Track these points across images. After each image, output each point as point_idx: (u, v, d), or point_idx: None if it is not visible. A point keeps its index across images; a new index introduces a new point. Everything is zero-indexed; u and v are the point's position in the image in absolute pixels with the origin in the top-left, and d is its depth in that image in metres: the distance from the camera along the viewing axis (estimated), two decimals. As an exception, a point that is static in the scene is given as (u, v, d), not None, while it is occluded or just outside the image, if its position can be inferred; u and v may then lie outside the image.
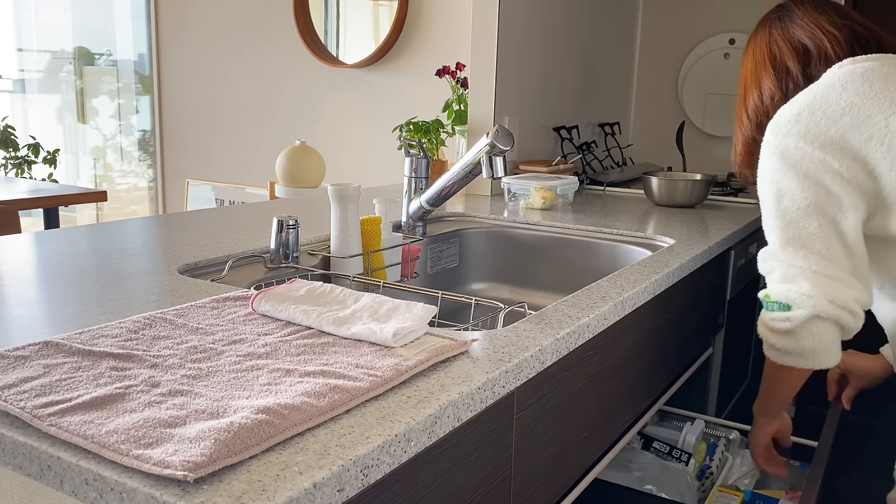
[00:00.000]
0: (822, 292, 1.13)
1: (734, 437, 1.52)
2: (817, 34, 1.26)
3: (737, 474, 1.45)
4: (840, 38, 1.25)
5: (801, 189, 1.13)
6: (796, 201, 1.14)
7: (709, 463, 1.44)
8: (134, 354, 0.74)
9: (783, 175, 1.15)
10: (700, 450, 1.46)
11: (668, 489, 1.32)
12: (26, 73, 4.59)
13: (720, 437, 1.51)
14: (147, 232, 1.44)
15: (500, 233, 1.72)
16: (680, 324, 1.47)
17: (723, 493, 1.33)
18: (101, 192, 3.08)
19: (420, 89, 3.41)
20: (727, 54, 2.81)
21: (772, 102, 1.30)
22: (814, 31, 1.27)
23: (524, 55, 2.18)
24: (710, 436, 1.52)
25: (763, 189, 1.20)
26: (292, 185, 3.25)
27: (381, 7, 3.51)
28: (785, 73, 1.29)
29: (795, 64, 1.28)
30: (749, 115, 1.34)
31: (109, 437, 0.58)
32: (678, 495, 1.31)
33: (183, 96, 4.25)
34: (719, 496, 1.32)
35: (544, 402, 0.93)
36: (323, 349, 0.78)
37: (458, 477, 0.76)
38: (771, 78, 1.31)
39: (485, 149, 1.40)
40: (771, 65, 1.31)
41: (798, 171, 1.13)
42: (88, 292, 1.00)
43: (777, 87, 1.30)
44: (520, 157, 2.23)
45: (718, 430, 1.54)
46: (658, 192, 2.02)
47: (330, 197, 1.29)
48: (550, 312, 0.99)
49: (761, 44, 1.34)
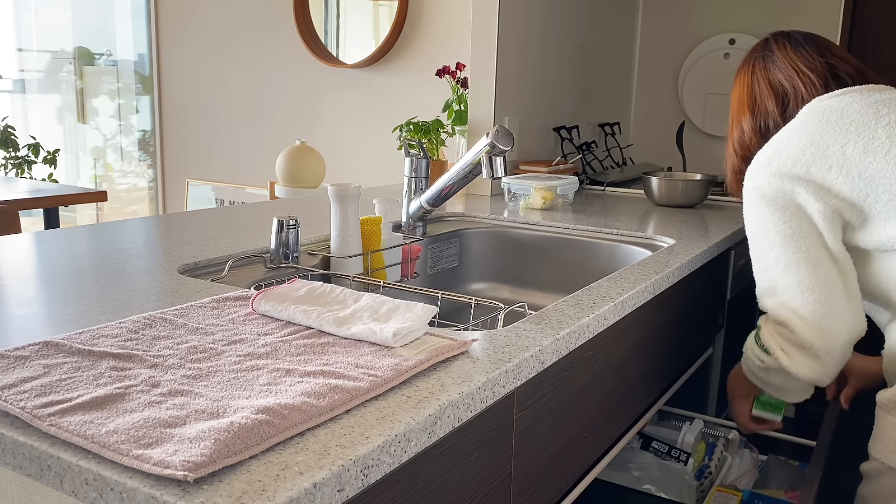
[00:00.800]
0: (801, 363, 1.24)
1: (733, 436, 1.52)
2: (793, 76, 1.37)
3: (736, 474, 1.45)
4: (814, 79, 1.35)
5: (783, 220, 1.23)
6: (781, 231, 1.23)
7: (707, 462, 1.44)
8: (134, 354, 0.74)
9: (764, 213, 1.25)
10: (699, 449, 1.47)
11: (666, 489, 1.32)
12: (26, 73, 4.59)
13: (719, 436, 1.52)
14: (147, 232, 1.44)
15: (500, 233, 1.72)
16: (680, 324, 1.47)
17: (721, 493, 1.33)
18: (101, 192, 3.08)
19: (420, 89, 3.41)
20: (727, 54, 2.81)
21: (751, 143, 1.42)
22: (790, 73, 1.37)
23: (524, 55, 2.18)
24: (709, 435, 1.52)
25: (750, 230, 1.30)
26: (292, 185, 3.25)
27: (381, 7, 3.51)
28: (763, 115, 1.40)
29: (774, 105, 1.39)
30: (735, 147, 1.46)
31: (109, 437, 0.58)
32: (677, 495, 1.31)
33: (183, 96, 4.25)
34: (718, 496, 1.33)
35: (544, 402, 0.93)
36: (323, 349, 0.78)
37: (458, 477, 0.76)
38: (749, 121, 1.42)
39: (485, 149, 1.40)
40: (749, 108, 1.42)
41: (776, 206, 1.23)
42: (88, 292, 1.00)
43: (754, 129, 1.42)
44: (520, 157, 2.23)
45: (717, 429, 1.54)
46: (658, 192, 2.02)
47: (330, 197, 1.29)
48: (550, 312, 0.99)
49: (745, 83, 1.45)
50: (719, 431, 1.54)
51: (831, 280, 1.21)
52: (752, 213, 1.28)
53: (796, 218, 1.22)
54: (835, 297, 1.21)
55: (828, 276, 1.21)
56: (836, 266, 1.22)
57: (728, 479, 1.44)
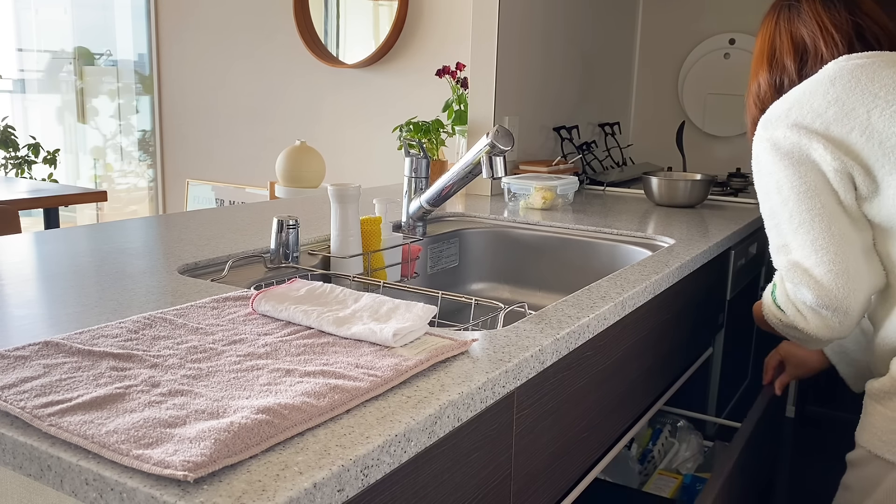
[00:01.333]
0: (817, 324, 1.20)
1: (682, 424, 1.53)
2: (817, 33, 1.30)
3: (681, 458, 1.46)
4: (838, 38, 1.28)
5: (798, 175, 1.17)
6: (795, 187, 1.18)
7: (651, 447, 1.45)
8: (134, 354, 0.74)
9: (778, 167, 1.20)
10: (644, 435, 1.47)
11: (611, 473, 1.33)
12: (26, 73, 4.59)
13: (666, 423, 1.52)
14: (147, 232, 1.44)
15: (500, 233, 1.72)
16: (680, 324, 1.47)
17: (662, 476, 1.34)
18: (101, 192, 3.08)
19: (420, 89, 3.41)
20: (727, 54, 2.81)
21: (766, 97, 1.37)
22: (814, 29, 1.30)
23: (524, 55, 2.18)
24: (657, 422, 1.53)
25: (762, 184, 1.24)
26: (292, 185, 3.25)
27: (381, 7, 3.51)
28: (780, 71, 1.35)
29: (792, 61, 1.33)
30: (753, 99, 1.41)
31: (109, 437, 0.58)
32: (621, 478, 1.33)
33: (183, 96, 4.25)
34: (658, 479, 1.34)
35: (544, 402, 0.93)
36: (323, 349, 0.78)
37: (458, 477, 0.76)
38: (766, 75, 1.37)
39: (485, 149, 1.40)
40: (768, 62, 1.37)
41: (791, 160, 1.18)
42: (88, 292, 1.00)
43: (770, 84, 1.36)
44: (520, 157, 2.23)
45: (666, 416, 1.55)
46: (658, 192, 2.02)
47: (330, 197, 1.29)
48: (550, 312, 0.99)
49: (767, 33, 1.38)
50: (667, 419, 1.54)
51: (847, 238, 1.16)
52: (766, 167, 1.23)
53: (812, 174, 1.17)
54: (850, 256, 1.16)
55: (843, 234, 1.16)
56: (852, 223, 1.17)
57: (673, 463, 1.45)
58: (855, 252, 1.16)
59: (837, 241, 1.16)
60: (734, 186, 2.33)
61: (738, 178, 2.39)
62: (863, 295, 1.17)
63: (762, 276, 2.19)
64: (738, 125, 2.82)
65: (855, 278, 1.16)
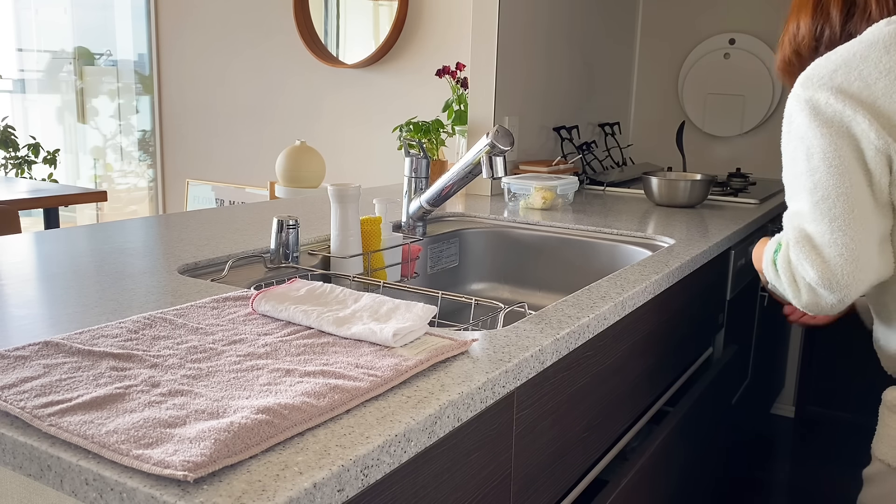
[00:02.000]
0: (809, 300, 1.13)
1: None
2: None
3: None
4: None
5: (833, 147, 1.09)
6: (828, 159, 1.09)
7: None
8: (134, 354, 0.74)
9: (814, 132, 1.10)
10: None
11: None
12: (26, 73, 4.59)
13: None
14: (147, 232, 1.44)
15: (500, 233, 1.72)
16: (680, 324, 1.47)
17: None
18: (101, 192, 3.08)
19: (420, 89, 3.41)
20: (727, 54, 2.81)
21: (803, 43, 1.27)
22: None
23: (524, 55, 2.18)
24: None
25: (791, 146, 1.15)
26: (292, 185, 3.25)
27: (381, 7, 3.51)
28: (824, 20, 1.24)
29: (837, 13, 1.23)
30: (788, 39, 1.31)
31: (109, 437, 0.58)
32: None
33: (183, 96, 4.25)
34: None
35: (544, 402, 0.93)
36: (323, 349, 0.78)
37: (458, 477, 0.76)
38: (808, 21, 1.26)
39: (485, 149, 1.40)
40: (813, 6, 1.26)
41: (830, 128, 1.09)
42: (88, 292, 1.00)
43: (810, 31, 1.26)
44: (520, 157, 2.23)
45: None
46: (658, 192, 2.02)
47: (330, 197, 1.29)
48: (550, 312, 0.99)
49: None
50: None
51: (867, 223, 1.08)
52: (799, 130, 1.12)
53: (848, 149, 1.07)
54: (865, 243, 1.08)
55: (864, 219, 1.08)
56: (877, 209, 1.09)
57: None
58: (871, 239, 1.09)
59: (857, 226, 1.08)
60: (734, 186, 2.33)
61: (738, 178, 2.39)
62: (865, 284, 1.12)
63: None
64: (738, 125, 2.82)
65: (864, 267, 1.10)
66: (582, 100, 2.58)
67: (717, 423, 1.85)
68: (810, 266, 1.10)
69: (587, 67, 2.59)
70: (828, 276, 1.09)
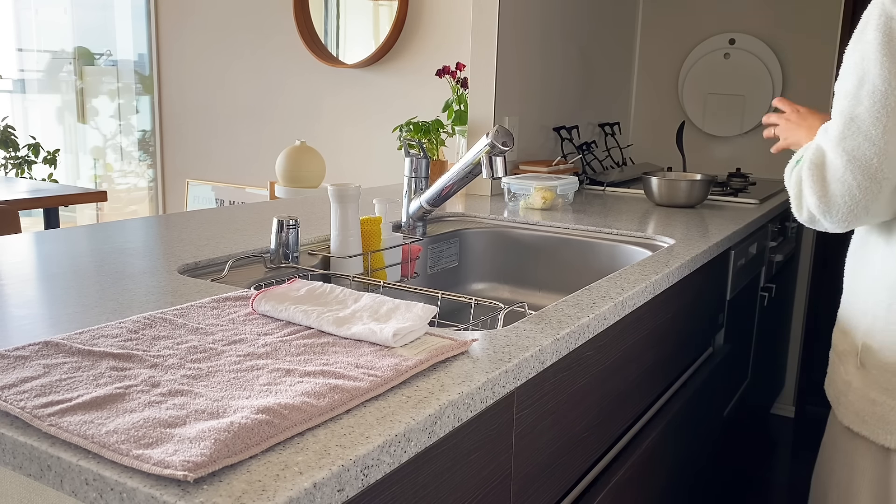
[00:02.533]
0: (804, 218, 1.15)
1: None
2: None
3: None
4: None
5: (887, 85, 1.03)
6: (876, 95, 1.04)
7: None
8: (134, 354, 0.74)
9: (877, 61, 1.04)
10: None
11: None
12: (26, 73, 4.59)
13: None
14: (147, 232, 1.44)
15: (500, 233, 1.72)
16: (680, 324, 1.47)
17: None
18: (101, 192, 3.08)
19: (420, 89, 3.41)
20: (727, 54, 2.81)
21: None
22: None
23: (524, 55, 2.18)
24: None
25: (852, 59, 1.09)
26: (292, 185, 3.25)
27: (381, 7, 3.51)
28: None
29: None
30: None
31: (109, 437, 0.58)
32: None
33: (183, 96, 4.25)
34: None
35: (544, 402, 0.93)
36: (323, 349, 0.78)
37: (458, 477, 0.76)
38: None
39: (485, 149, 1.40)
40: None
41: (894, 63, 1.02)
42: (88, 292, 1.00)
43: None
44: (520, 157, 2.23)
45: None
46: (658, 192, 2.02)
47: (330, 197, 1.29)
48: (550, 312, 0.99)
49: None
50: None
51: (884, 177, 1.05)
52: (866, 48, 1.06)
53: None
54: (873, 192, 1.06)
55: (882, 171, 1.05)
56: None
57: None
58: (880, 190, 1.06)
59: (871, 175, 1.05)
60: (734, 186, 2.33)
61: (738, 178, 2.39)
62: (863, 224, 1.12)
63: (762, 276, 2.19)
64: (738, 125, 2.82)
65: (863, 212, 1.08)
66: (582, 100, 2.58)
67: (717, 422, 1.85)
68: (813, 193, 1.10)
69: (587, 67, 2.59)
70: (826, 208, 1.10)
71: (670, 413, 1.47)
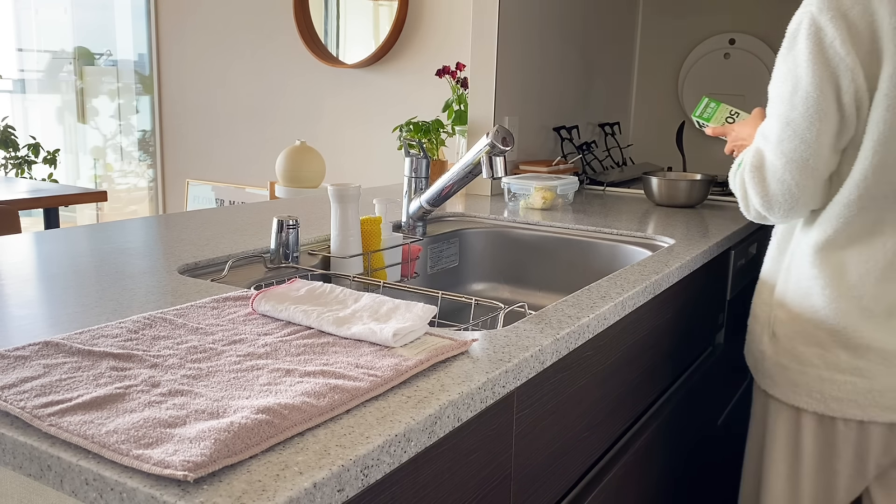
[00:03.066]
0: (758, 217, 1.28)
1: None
2: None
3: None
4: None
5: (819, 91, 1.14)
6: (809, 101, 1.14)
7: None
8: (134, 354, 0.74)
9: (809, 69, 1.15)
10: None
11: None
12: (26, 73, 4.59)
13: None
14: (147, 232, 1.44)
15: (500, 233, 1.72)
16: (680, 324, 1.47)
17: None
18: (101, 192, 3.08)
19: (420, 89, 3.41)
20: (727, 54, 2.81)
21: None
22: None
23: (524, 55, 2.18)
24: None
25: (785, 66, 1.20)
26: (292, 185, 3.25)
27: (381, 7, 3.51)
28: None
29: None
30: None
31: (109, 437, 0.58)
32: None
33: (183, 96, 4.26)
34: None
35: (544, 402, 0.93)
36: (323, 349, 0.78)
37: (458, 477, 0.76)
38: None
39: (485, 149, 1.40)
40: None
41: (825, 70, 1.13)
42: (88, 292, 1.00)
43: None
44: (520, 157, 2.23)
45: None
46: (658, 192, 2.02)
47: (330, 197, 1.29)
48: (550, 312, 0.99)
49: None
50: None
51: (817, 172, 1.18)
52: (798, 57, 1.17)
53: (832, 93, 1.14)
54: (808, 188, 1.19)
55: (816, 168, 1.18)
56: (832, 156, 1.18)
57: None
58: (815, 184, 1.19)
59: (807, 173, 1.17)
60: (734, 186, 2.33)
61: (738, 178, 2.39)
62: (802, 215, 1.24)
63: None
64: (738, 125, 2.82)
65: (800, 205, 1.21)
66: (582, 100, 2.58)
67: (718, 422, 1.85)
68: (756, 193, 1.24)
69: (587, 67, 2.59)
70: (769, 205, 1.23)
71: (670, 413, 1.47)
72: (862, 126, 1.15)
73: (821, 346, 1.23)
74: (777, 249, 1.35)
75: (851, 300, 1.20)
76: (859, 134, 1.15)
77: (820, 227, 1.23)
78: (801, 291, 1.26)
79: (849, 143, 1.18)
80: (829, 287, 1.22)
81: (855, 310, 1.20)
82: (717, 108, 1.52)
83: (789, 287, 1.29)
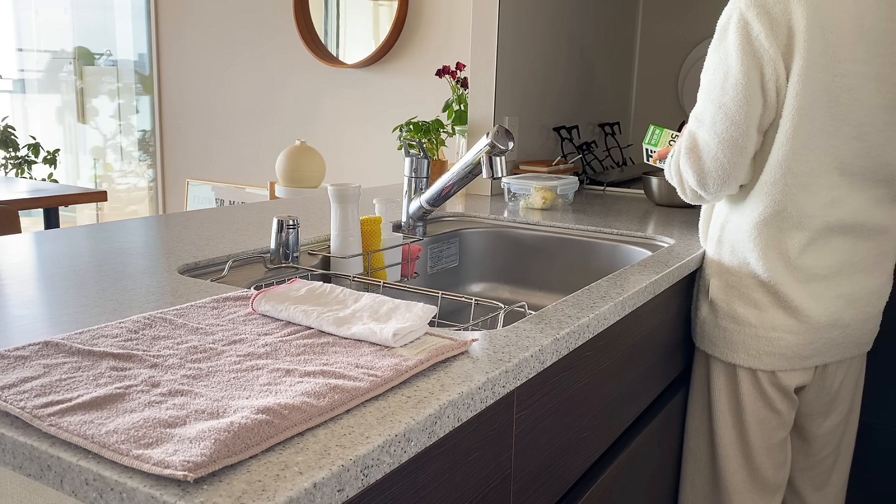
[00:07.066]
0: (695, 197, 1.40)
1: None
2: None
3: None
4: None
5: (746, 79, 1.27)
6: (738, 88, 1.28)
7: None
8: (134, 354, 0.74)
9: (738, 60, 1.28)
10: None
11: None
12: (26, 73, 4.59)
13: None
14: (147, 232, 1.44)
15: (500, 233, 1.72)
16: (680, 324, 1.47)
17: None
18: (101, 192, 3.08)
19: (420, 89, 3.41)
20: (727, 54, 2.80)
21: None
22: None
23: (524, 55, 2.18)
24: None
25: (716, 56, 1.34)
26: (292, 185, 3.25)
27: (381, 7, 3.51)
28: None
29: None
30: None
31: (109, 437, 0.58)
32: None
33: (183, 96, 4.25)
34: None
35: (544, 402, 0.93)
36: (323, 349, 0.78)
37: (458, 477, 0.76)
38: None
39: (485, 149, 1.40)
40: None
41: (753, 60, 1.27)
42: (88, 292, 1.00)
43: None
44: (520, 157, 2.23)
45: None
46: (658, 192, 2.02)
47: (330, 197, 1.29)
48: (550, 312, 0.99)
49: None
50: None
51: (746, 150, 1.30)
52: (728, 49, 1.30)
53: (758, 80, 1.27)
54: (739, 165, 1.30)
55: (745, 147, 1.30)
56: (758, 135, 1.30)
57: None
58: (744, 161, 1.31)
59: (738, 151, 1.30)
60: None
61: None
62: (734, 190, 1.35)
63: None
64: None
65: (732, 180, 1.32)
66: (582, 100, 2.58)
67: (717, 423, 1.85)
68: (693, 173, 1.35)
69: (587, 67, 2.59)
70: (703, 182, 1.34)
71: (670, 412, 1.47)
72: (780, 110, 1.29)
73: (758, 308, 1.37)
74: (713, 231, 1.46)
75: (785, 268, 1.34)
76: (777, 117, 1.29)
77: (752, 204, 1.35)
78: (738, 261, 1.39)
79: (769, 125, 1.31)
80: (764, 258, 1.35)
81: (789, 276, 1.34)
82: (661, 134, 1.64)
83: (724, 259, 1.41)
